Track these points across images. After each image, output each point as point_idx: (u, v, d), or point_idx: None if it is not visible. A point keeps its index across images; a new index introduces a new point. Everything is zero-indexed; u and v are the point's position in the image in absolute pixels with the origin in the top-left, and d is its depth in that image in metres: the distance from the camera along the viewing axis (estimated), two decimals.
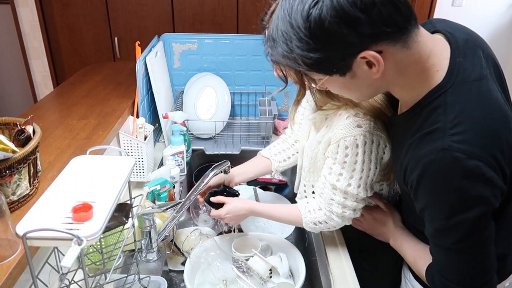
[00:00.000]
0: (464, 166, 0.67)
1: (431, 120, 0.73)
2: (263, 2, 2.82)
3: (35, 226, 0.58)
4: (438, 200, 0.73)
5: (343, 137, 0.94)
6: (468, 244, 0.74)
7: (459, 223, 0.72)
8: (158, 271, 1.09)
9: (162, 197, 1.24)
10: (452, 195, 0.70)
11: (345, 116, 0.95)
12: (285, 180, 1.64)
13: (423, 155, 0.71)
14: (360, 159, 0.94)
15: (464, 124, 0.69)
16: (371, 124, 0.93)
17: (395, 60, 0.71)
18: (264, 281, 1.11)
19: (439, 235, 0.77)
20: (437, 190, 0.72)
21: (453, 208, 0.71)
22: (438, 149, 0.69)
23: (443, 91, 0.72)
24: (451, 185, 0.69)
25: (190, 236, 1.16)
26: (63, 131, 1.27)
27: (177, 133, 1.43)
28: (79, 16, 2.57)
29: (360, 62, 0.69)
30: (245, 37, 1.76)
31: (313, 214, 1.05)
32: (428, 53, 0.73)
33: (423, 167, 0.71)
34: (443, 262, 0.80)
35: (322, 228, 1.06)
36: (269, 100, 1.77)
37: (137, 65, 1.41)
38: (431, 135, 0.72)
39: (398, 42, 0.68)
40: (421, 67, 0.73)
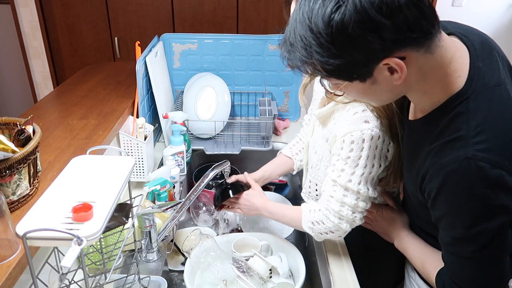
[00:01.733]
0: (488, 175, 0.67)
1: (453, 127, 0.72)
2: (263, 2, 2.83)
3: (35, 226, 0.58)
4: (459, 209, 0.72)
5: (350, 132, 0.93)
6: (487, 253, 0.73)
7: (480, 232, 0.71)
8: (158, 271, 1.09)
9: (162, 197, 1.24)
10: (475, 204, 0.69)
11: (353, 112, 0.95)
12: (285, 180, 1.64)
13: (446, 164, 0.70)
14: (365, 154, 0.93)
15: (487, 132, 0.68)
16: (378, 120, 0.93)
17: (418, 66, 0.69)
18: (264, 281, 1.11)
19: (457, 244, 0.76)
20: (460, 199, 0.71)
21: (475, 217, 0.70)
22: (462, 158, 0.68)
23: (465, 98, 0.71)
24: (475, 194, 0.68)
25: (190, 236, 1.16)
26: (63, 131, 1.27)
27: (177, 133, 1.43)
28: (79, 16, 2.57)
29: (382, 68, 0.67)
30: (245, 37, 1.76)
31: (312, 213, 1.04)
32: (450, 58, 0.71)
33: (445, 176, 0.70)
34: (458, 270, 0.78)
35: (320, 229, 1.03)
36: (269, 100, 1.77)
37: (137, 65, 1.41)
38: (453, 143, 0.71)
39: (422, 47, 0.67)
40: (443, 72, 0.71)
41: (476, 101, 0.70)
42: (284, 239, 1.23)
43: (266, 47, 1.77)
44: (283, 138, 1.78)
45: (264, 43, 1.76)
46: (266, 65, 1.80)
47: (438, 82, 0.73)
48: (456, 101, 0.72)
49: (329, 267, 1.08)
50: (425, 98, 0.77)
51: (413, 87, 0.74)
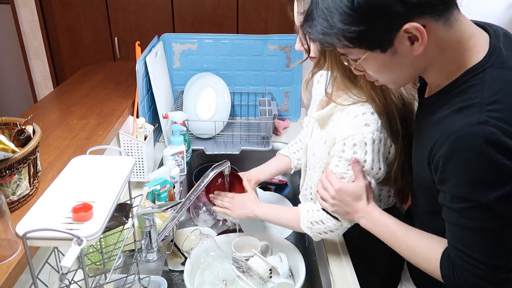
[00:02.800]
0: (500, 141, 0.66)
1: (467, 96, 0.71)
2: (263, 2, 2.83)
3: (35, 226, 0.58)
4: (470, 175, 0.69)
5: (351, 135, 0.93)
6: (502, 222, 0.71)
7: (491, 200, 0.69)
8: (158, 271, 1.09)
9: (162, 197, 1.24)
10: (487, 170, 0.67)
11: (353, 115, 0.94)
12: (285, 180, 1.64)
13: (456, 129, 0.69)
14: (370, 158, 0.93)
15: (502, 103, 0.68)
16: (378, 123, 0.93)
17: (437, 37, 0.70)
18: (264, 281, 1.11)
19: (467, 215, 0.72)
20: (470, 165, 0.69)
21: (486, 184, 0.69)
22: (474, 123, 0.67)
23: (482, 70, 0.71)
24: (487, 159, 0.67)
25: (190, 236, 1.16)
26: (63, 131, 1.27)
27: (177, 133, 1.43)
28: (79, 16, 2.57)
29: (402, 37, 0.68)
30: (245, 37, 1.76)
31: (311, 213, 1.04)
32: (470, 34, 0.72)
33: (455, 141, 0.69)
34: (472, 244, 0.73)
35: (319, 229, 1.03)
36: (269, 100, 1.77)
37: (137, 65, 1.41)
38: (466, 109, 0.70)
39: (441, 17, 0.68)
40: (463, 47, 0.72)
41: (493, 73, 0.70)
42: (284, 239, 1.23)
43: (266, 47, 1.77)
44: (283, 138, 1.78)
45: (264, 43, 1.76)
46: (266, 65, 1.80)
47: (457, 56, 0.73)
48: (472, 73, 0.72)
49: (329, 267, 1.08)
50: (443, 75, 0.76)
51: (432, 61, 0.74)
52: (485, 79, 0.70)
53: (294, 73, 1.81)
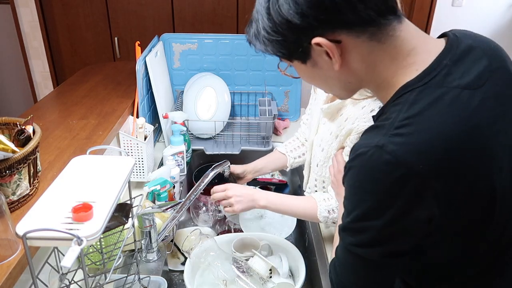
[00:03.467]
0: (390, 171, 0.59)
1: (385, 116, 0.65)
2: None
3: (35, 226, 0.58)
4: (354, 195, 0.66)
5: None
6: (366, 251, 0.66)
7: (363, 228, 0.65)
8: (158, 271, 1.09)
9: (162, 197, 1.24)
10: (369, 197, 0.63)
11: (369, 110, 0.95)
12: (285, 180, 1.64)
13: (359, 146, 0.64)
14: None
15: (415, 126, 0.59)
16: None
17: (362, 54, 0.64)
18: (264, 281, 1.11)
19: (343, 231, 0.70)
20: (355, 186, 0.65)
21: (366, 209, 0.64)
22: (373, 145, 0.60)
23: (411, 89, 0.63)
24: (368, 186, 0.62)
25: (190, 236, 1.16)
26: (63, 131, 1.27)
27: (177, 133, 1.43)
28: (79, 16, 2.57)
29: (318, 50, 0.64)
30: (245, 37, 1.76)
31: (327, 201, 1.04)
32: (409, 50, 0.64)
33: (352, 157, 0.64)
34: (340, 258, 0.72)
35: (334, 218, 1.03)
36: (269, 100, 1.77)
37: (137, 65, 1.41)
38: (376, 129, 0.64)
39: (363, 33, 0.62)
40: (398, 64, 0.65)
41: (421, 94, 0.62)
42: (284, 239, 1.23)
43: None
44: (283, 138, 1.77)
45: None
46: (266, 65, 1.80)
47: (392, 73, 0.66)
48: (401, 92, 0.65)
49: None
50: (382, 93, 0.70)
51: (364, 78, 0.69)
52: (409, 99, 0.62)
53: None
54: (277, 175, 1.71)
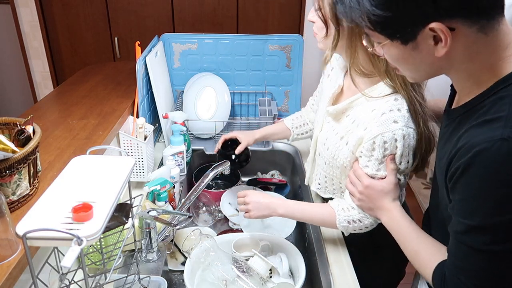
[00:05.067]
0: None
1: (494, 109, 0.67)
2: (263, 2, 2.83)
3: (35, 226, 0.58)
4: (482, 193, 0.66)
5: (381, 133, 0.93)
6: (503, 248, 0.66)
7: (500, 223, 0.65)
8: (158, 271, 1.09)
9: (162, 197, 1.24)
10: (501, 190, 0.64)
11: (380, 113, 0.95)
12: (285, 180, 1.64)
13: (478, 142, 0.65)
14: (399, 152, 0.94)
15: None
16: (405, 117, 0.93)
17: (467, 43, 0.67)
18: (264, 281, 1.11)
19: (471, 233, 0.69)
20: (485, 182, 0.65)
21: (498, 205, 0.65)
22: (497, 138, 0.63)
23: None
24: (502, 179, 0.63)
25: (190, 236, 1.16)
26: (63, 131, 1.27)
27: (177, 133, 1.43)
28: (79, 16, 2.57)
29: (427, 34, 0.65)
30: (245, 37, 1.76)
31: (346, 212, 1.03)
32: (507, 43, 0.68)
33: (474, 154, 0.65)
34: (466, 264, 0.71)
35: (355, 227, 1.03)
36: (269, 100, 1.77)
37: (137, 65, 1.41)
38: (491, 123, 0.66)
39: (475, 24, 0.65)
40: (496, 56, 0.68)
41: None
42: (284, 239, 1.23)
43: (266, 47, 1.77)
44: None
45: (264, 43, 1.76)
46: (266, 65, 1.80)
47: (488, 66, 0.69)
48: (503, 84, 0.68)
49: (329, 267, 1.08)
50: (470, 82, 0.73)
51: (456, 66, 0.71)
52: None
53: (294, 73, 1.81)
54: (277, 175, 1.71)
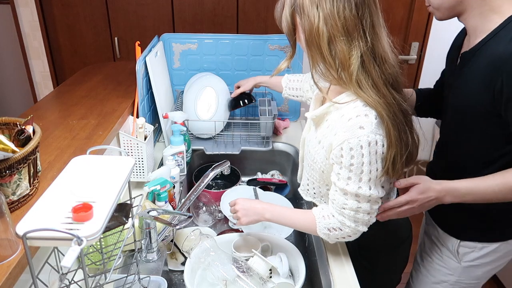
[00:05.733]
0: None
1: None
2: (263, 2, 2.82)
3: (35, 226, 0.58)
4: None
5: (346, 139, 0.93)
6: None
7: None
8: (158, 271, 1.09)
9: (162, 197, 1.24)
10: None
11: (347, 119, 0.94)
12: (285, 180, 1.64)
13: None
14: (367, 160, 0.93)
15: None
16: (373, 124, 0.92)
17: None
18: (264, 281, 1.11)
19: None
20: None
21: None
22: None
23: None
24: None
25: (190, 236, 1.16)
26: (63, 131, 1.27)
27: (177, 133, 1.43)
28: (79, 16, 2.57)
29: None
30: (245, 37, 1.76)
31: (327, 219, 1.03)
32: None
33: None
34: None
35: (337, 235, 1.03)
36: (269, 100, 1.77)
37: (137, 65, 1.41)
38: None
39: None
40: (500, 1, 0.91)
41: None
42: (284, 239, 1.23)
43: (266, 47, 1.77)
44: (283, 138, 1.78)
45: (264, 43, 1.76)
46: (266, 65, 1.80)
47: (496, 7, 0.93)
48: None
49: (329, 267, 1.08)
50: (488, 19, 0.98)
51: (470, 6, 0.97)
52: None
53: (294, 73, 1.81)
54: (277, 175, 1.71)
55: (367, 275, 1.15)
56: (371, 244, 1.14)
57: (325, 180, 1.09)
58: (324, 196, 1.14)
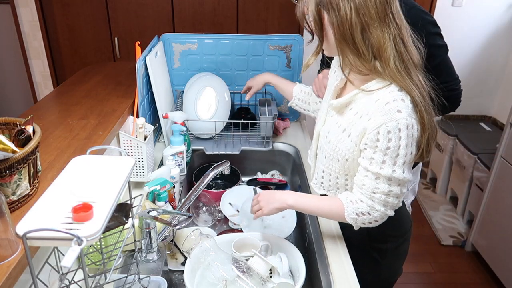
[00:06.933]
0: None
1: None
2: (263, 2, 2.83)
3: (35, 226, 0.58)
4: None
5: (384, 123, 0.93)
6: None
7: None
8: (158, 271, 1.09)
9: (162, 197, 1.24)
10: None
11: (384, 103, 0.95)
12: (285, 180, 1.64)
13: None
14: (404, 143, 0.94)
15: None
16: (409, 108, 0.94)
17: None
18: (264, 281, 1.11)
19: None
20: None
21: None
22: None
23: None
24: None
25: (190, 236, 1.16)
26: (63, 131, 1.27)
27: (177, 133, 1.43)
28: (79, 16, 2.57)
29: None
30: (245, 37, 1.76)
31: (355, 204, 1.03)
32: None
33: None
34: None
35: (364, 220, 1.03)
36: (269, 100, 1.77)
37: (137, 65, 1.41)
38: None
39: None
40: None
41: None
42: (284, 239, 1.23)
43: (266, 47, 1.77)
44: (283, 138, 1.78)
45: (264, 43, 1.76)
46: (266, 65, 1.80)
47: None
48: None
49: (329, 267, 1.08)
50: None
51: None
52: None
53: (294, 73, 1.81)
54: (277, 175, 1.71)
55: (376, 267, 1.15)
56: (380, 235, 1.15)
57: (346, 169, 1.09)
58: (341, 187, 1.14)
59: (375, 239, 1.18)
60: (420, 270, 2.40)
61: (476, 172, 2.57)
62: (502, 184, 2.22)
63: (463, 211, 2.80)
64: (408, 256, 1.29)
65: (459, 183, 2.84)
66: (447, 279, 2.34)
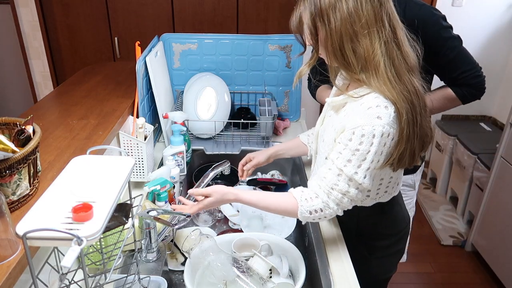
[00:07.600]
0: None
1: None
2: (263, 2, 2.83)
3: (35, 226, 0.58)
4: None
5: (361, 126, 0.93)
6: None
7: None
8: (158, 271, 1.09)
9: (162, 197, 1.24)
10: None
11: (367, 107, 0.95)
12: (285, 180, 1.64)
13: None
14: (374, 149, 0.93)
15: None
16: (391, 116, 0.93)
17: None
18: (264, 281, 1.11)
19: None
20: None
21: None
22: None
23: None
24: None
25: (190, 236, 1.16)
26: (63, 131, 1.27)
27: (177, 133, 1.43)
28: (79, 16, 2.57)
29: None
30: (245, 37, 1.76)
31: (310, 202, 1.01)
32: None
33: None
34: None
35: (315, 217, 1.02)
36: (269, 100, 1.77)
37: (137, 65, 1.41)
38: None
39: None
40: None
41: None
42: (284, 239, 1.23)
43: (266, 47, 1.77)
44: (283, 138, 1.78)
45: (264, 43, 1.76)
46: (266, 65, 1.80)
47: None
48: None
49: (329, 267, 1.08)
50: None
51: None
52: None
53: (294, 73, 1.81)
54: (277, 175, 1.71)
55: (364, 262, 1.16)
56: (370, 232, 1.15)
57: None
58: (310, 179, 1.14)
59: (365, 235, 1.19)
60: (420, 270, 2.40)
61: (476, 172, 2.57)
62: (502, 184, 2.22)
63: (463, 211, 2.80)
64: (408, 256, 1.29)
65: (459, 183, 2.84)
66: (447, 279, 2.34)
